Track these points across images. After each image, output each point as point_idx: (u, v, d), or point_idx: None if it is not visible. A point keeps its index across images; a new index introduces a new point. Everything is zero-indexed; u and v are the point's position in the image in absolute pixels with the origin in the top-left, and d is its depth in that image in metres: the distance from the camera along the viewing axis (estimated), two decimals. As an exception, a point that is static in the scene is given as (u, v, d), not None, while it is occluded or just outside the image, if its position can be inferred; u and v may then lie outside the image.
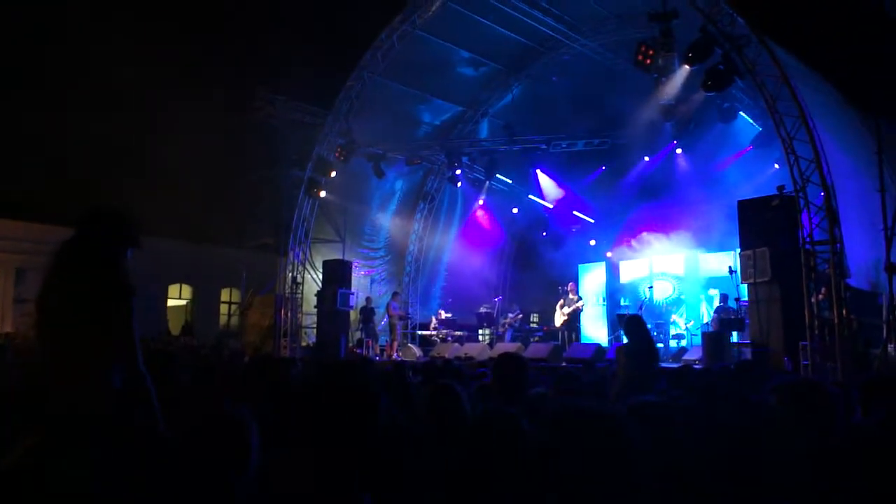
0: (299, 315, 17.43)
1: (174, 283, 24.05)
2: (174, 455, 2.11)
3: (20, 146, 18.69)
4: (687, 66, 11.42)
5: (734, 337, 11.88)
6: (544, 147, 16.59)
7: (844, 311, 9.32)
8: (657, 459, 1.90)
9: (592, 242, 19.00)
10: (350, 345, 16.58)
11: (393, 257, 20.19)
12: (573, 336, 15.24)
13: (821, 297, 9.75)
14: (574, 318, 15.40)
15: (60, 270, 2.82)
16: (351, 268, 17.16)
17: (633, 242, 17.49)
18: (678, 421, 2.11)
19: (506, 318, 17.43)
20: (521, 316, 17.88)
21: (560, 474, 1.38)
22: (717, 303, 14.35)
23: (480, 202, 19.71)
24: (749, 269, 10.66)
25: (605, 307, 17.44)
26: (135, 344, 2.79)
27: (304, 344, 17.41)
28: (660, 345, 13.72)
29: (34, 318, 2.79)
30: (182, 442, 2.11)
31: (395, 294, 17.86)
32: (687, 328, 15.52)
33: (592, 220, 19.15)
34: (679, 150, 16.42)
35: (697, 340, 13.89)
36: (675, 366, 10.14)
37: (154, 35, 19.96)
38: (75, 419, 2.56)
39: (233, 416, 2.10)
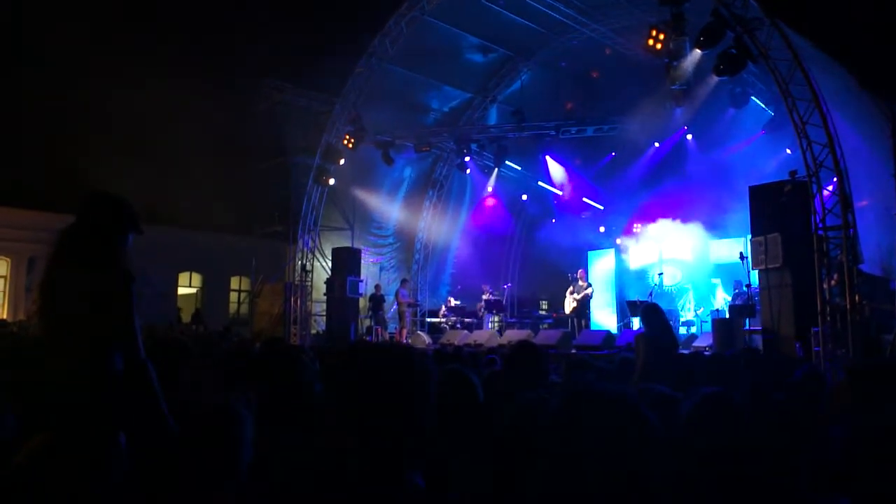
0: (309, 303, 17.48)
1: (184, 271, 24.17)
2: (167, 447, 2.09)
3: (31, 137, 18.77)
4: (698, 51, 11.26)
5: (745, 324, 11.82)
6: (554, 133, 16.49)
7: (857, 297, 9.24)
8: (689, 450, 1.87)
9: (602, 229, 18.93)
10: (359, 332, 16.62)
11: (402, 245, 20.20)
12: (583, 323, 15.21)
13: (833, 282, 9.66)
14: (583, 304, 15.36)
15: (61, 257, 2.84)
16: (360, 255, 17.18)
17: (643, 229, 17.41)
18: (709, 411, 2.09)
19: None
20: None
21: (576, 457, 1.36)
22: (720, 290, 14.28)
23: (489, 189, 19.64)
24: (760, 254, 10.57)
25: (614, 294, 17.39)
26: (135, 331, 2.77)
27: (313, 332, 17.47)
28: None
29: (37, 305, 2.81)
30: (174, 435, 2.08)
31: (403, 281, 17.87)
32: (697, 314, 15.46)
33: (602, 207, 19.07)
34: (690, 136, 16.29)
35: (707, 327, 13.83)
36: (685, 352, 10.11)
37: (162, 24, 19.94)
38: (76, 404, 2.56)
39: (224, 410, 2.05)
